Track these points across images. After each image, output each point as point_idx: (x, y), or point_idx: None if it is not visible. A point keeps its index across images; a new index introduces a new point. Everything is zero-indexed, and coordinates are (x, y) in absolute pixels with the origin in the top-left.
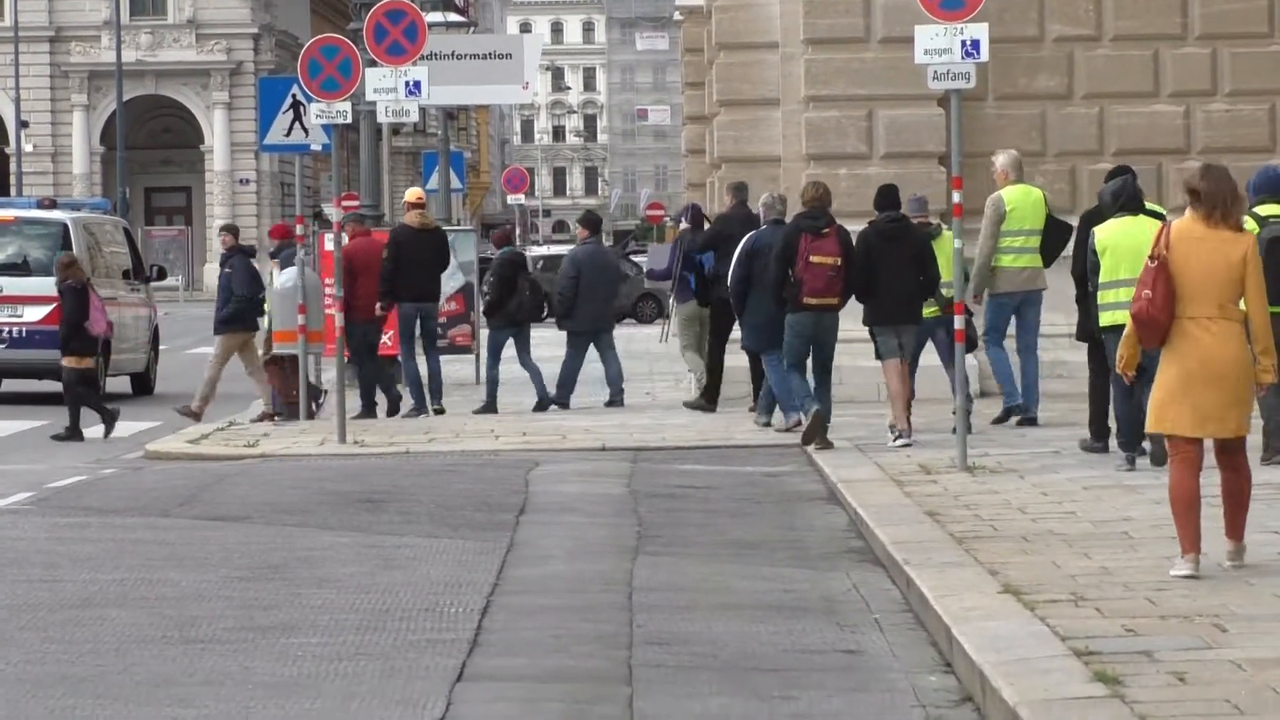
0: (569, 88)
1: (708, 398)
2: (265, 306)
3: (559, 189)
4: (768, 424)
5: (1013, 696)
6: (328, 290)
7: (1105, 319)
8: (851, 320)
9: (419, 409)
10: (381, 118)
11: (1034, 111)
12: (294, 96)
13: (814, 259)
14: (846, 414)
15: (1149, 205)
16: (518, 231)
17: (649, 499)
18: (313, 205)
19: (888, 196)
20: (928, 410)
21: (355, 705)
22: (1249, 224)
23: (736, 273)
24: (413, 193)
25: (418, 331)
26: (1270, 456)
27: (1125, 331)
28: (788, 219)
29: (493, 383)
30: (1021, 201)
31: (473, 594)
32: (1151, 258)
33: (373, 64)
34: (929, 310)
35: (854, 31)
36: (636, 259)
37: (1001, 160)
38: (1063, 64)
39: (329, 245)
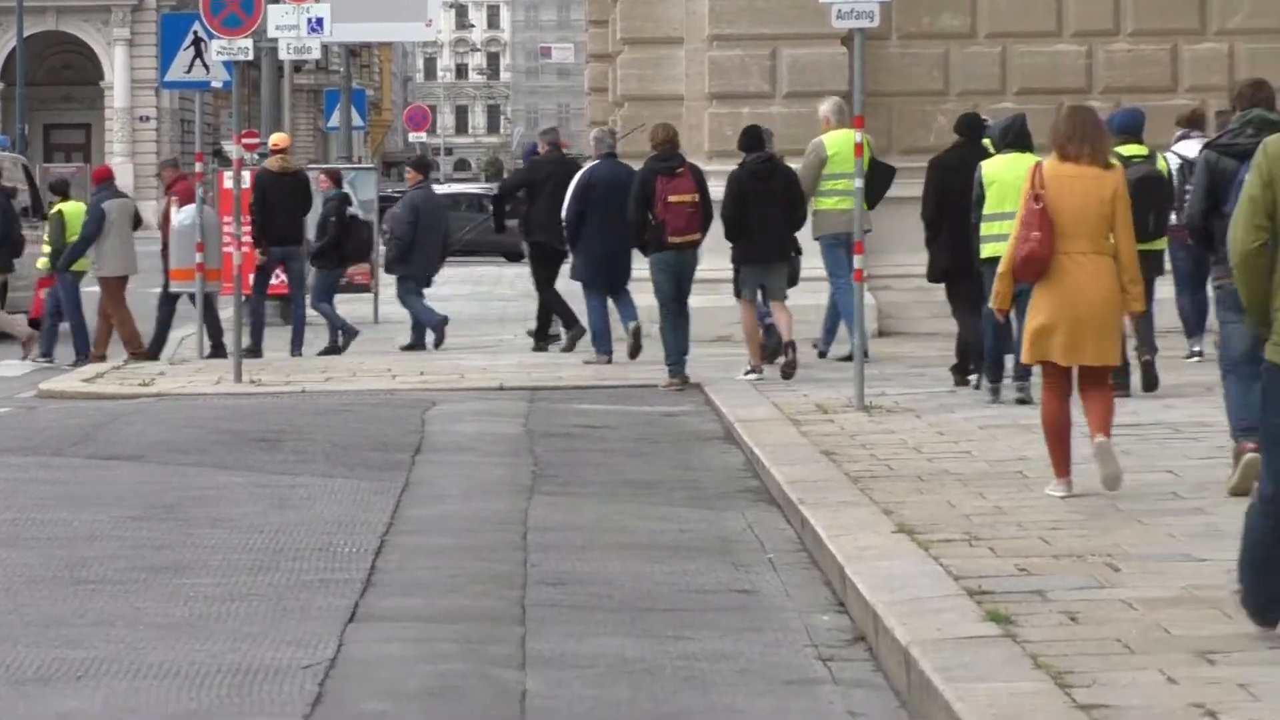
0: (472, 25)
1: (538, 337)
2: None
3: (461, 127)
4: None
5: (905, 636)
6: (226, 229)
7: (987, 250)
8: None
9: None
10: (283, 55)
11: (937, 51)
12: (195, 33)
13: (672, 199)
14: (744, 353)
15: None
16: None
17: (545, 438)
18: (213, 143)
19: (753, 137)
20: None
21: (247, 646)
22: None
23: (571, 207)
24: (276, 137)
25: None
26: (1147, 380)
27: (1001, 268)
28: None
29: (338, 320)
30: (843, 146)
31: (367, 534)
32: (1034, 198)
33: (275, 1)
34: None
35: None
36: None
37: (825, 107)
38: (966, 3)
39: (228, 183)
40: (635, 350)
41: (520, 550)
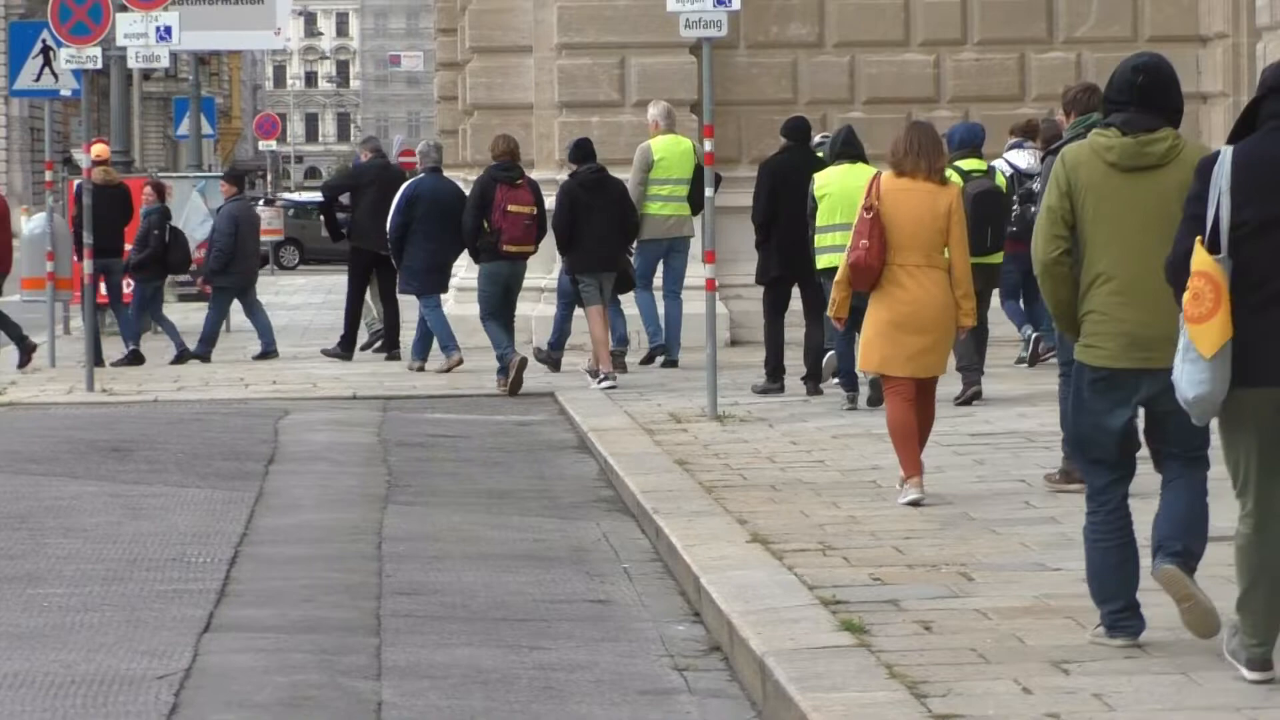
0: (321, 33)
1: (343, 346)
2: None
3: (311, 135)
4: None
5: (760, 646)
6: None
7: (822, 261)
8: None
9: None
10: (132, 63)
11: (786, 60)
12: (44, 41)
13: (512, 208)
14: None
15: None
16: (268, 178)
17: (399, 448)
18: (62, 151)
19: (584, 149)
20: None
21: (101, 656)
22: (952, 176)
23: (395, 219)
24: (97, 149)
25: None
26: (964, 393)
27: (838, 277)
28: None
29: (174, 328)
30: (670, 151)
31: (221, 544)
32: (866, 208)
33: (123, 9)
34: None
35: None
36: None
37: (653, 111)
38: (814, 12)
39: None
40: (517, 386)
41: (375, 560)
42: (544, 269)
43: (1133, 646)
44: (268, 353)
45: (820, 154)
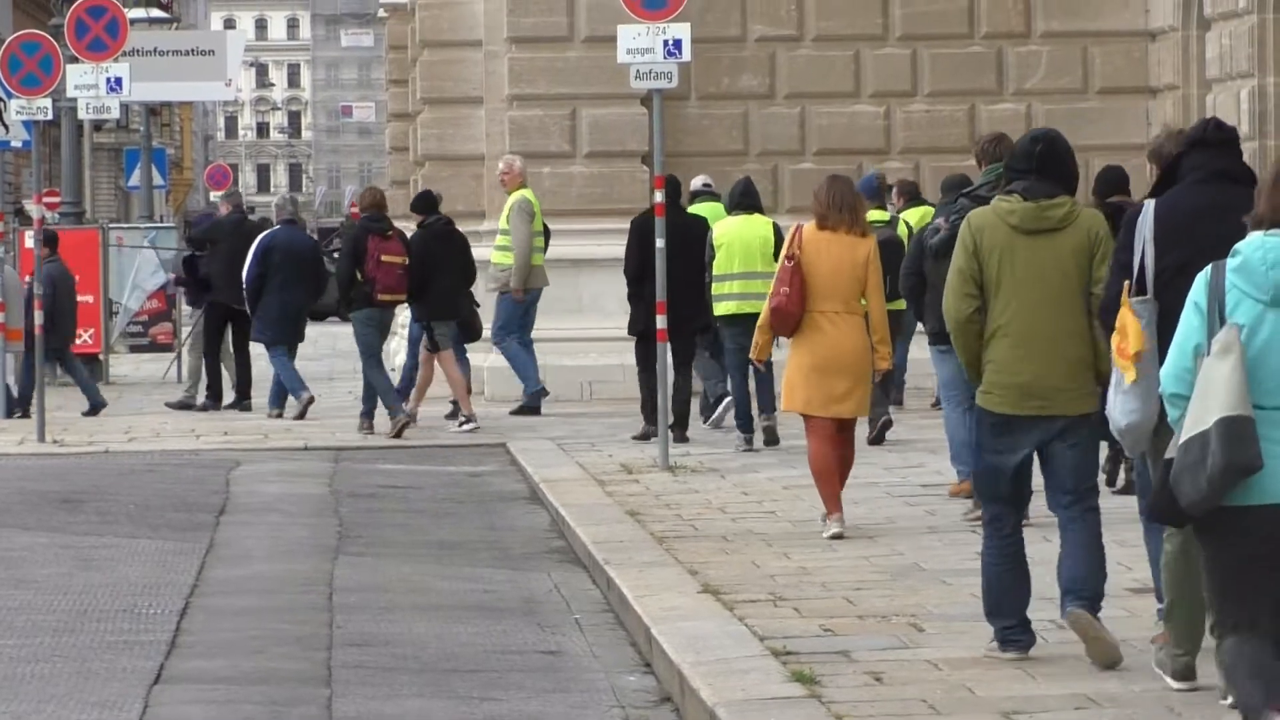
0: (273, 84)
1: (211, 398)
2: None
3: (263, 185)
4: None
5: (711, 697)
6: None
7: (720, 308)
8: (561, 320)
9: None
10: (82, 114)
11: (737, 111)
12: None
13: (385, 258)
14: (550, 412)
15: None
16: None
17: (350, 499)
18: (13, 202)
19: (429, 201)
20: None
21: (51, 708)
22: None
23: (251, 270)
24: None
25: None
26: (875, 431)
27: (760, 321)
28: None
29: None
30: (538, 203)
31: (172, 595)
32: (788, 257)
33: (74, 60)
34: None
35: (557, 30)
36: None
37: (518, 164)
38: (765, 64)
39: (29, 243)
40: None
41: (326, 611)
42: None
43: (1024, 660)
44: (96, 407)
45: (691, 209)
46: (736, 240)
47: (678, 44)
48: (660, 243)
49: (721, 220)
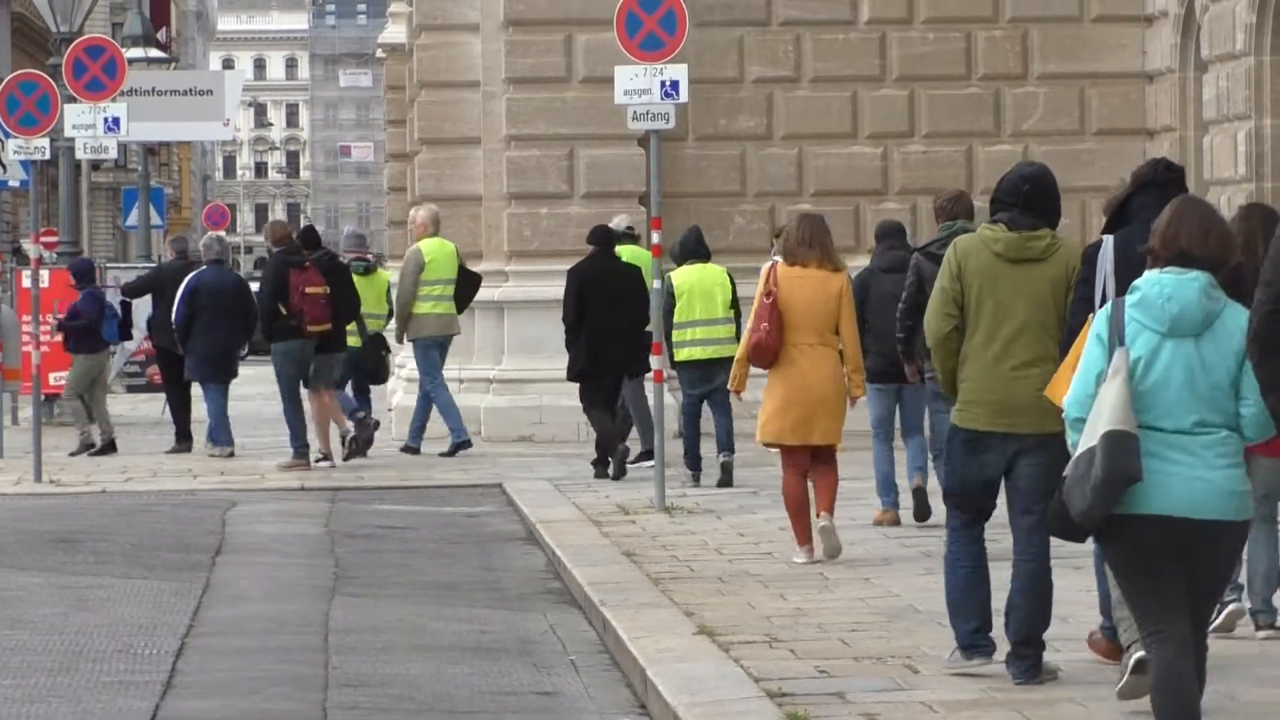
0: (271, 124)
1: (179, 440)
2: None
3: (261, 225)
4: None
5: None
6: (25, 328)
7: (682, 354)
8: (558, 360)
9: None
10: (80, 154)
11: (734, 152)
12: None
13: (308, 290)
14: (547, 453)
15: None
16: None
17: (347, 539)
18: (11, 241)
19: (311, 236)
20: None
21: None
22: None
23: (179, 310)
24: None
25: None
26: None
27: (739, 354)
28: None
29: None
30: (439, 253)
31: (167, 635)
32: (765, 294)
33: (72, 100)
34: None
35: (555, 71)
36: None
37: (421, 215)
38: (762, 105)
39: (26, 283)
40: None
41: (322, 652)
42: (492, 360)
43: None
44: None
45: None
46: (697, 288)
47: (675, 85)
48: (656, 283)
49: (679, 270)
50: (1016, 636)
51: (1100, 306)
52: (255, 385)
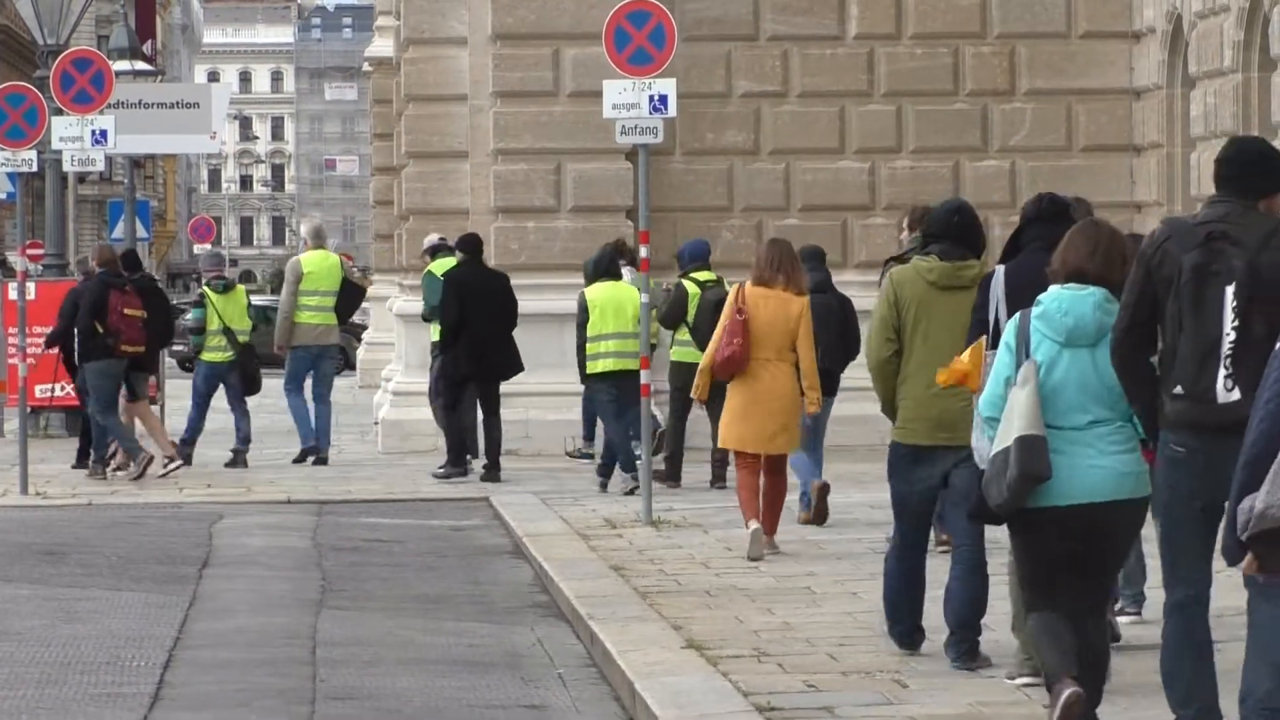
0: (256, 137)
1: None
2: None
3: (246, 238)
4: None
5: None
6: (11, 340)
7: (595, 366)
8: (545, 374)
9: None
10: (67, 166)
11: (721, 167)
12: None
13: (127, 312)
14: (533, 466)
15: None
16: (202, 281)
17: (334, 552)
18: None
19: (133, 259)
20: None
21: None
22: (692, 288)
23: (60, 326)
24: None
25: None
26: (715, 482)
27: (702, 365)
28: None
29: None
30: (319, 266)
31: (155, 648)
32: (737, 311)
33: (59, 112)
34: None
35: (543, 85)
36: None
37: (304, 229)
38: (750, 120)
39: (13, 294)
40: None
41: (309, 665)
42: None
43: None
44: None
45: (430, 266)
46: (610, 303)
47: (663, 99)
48: (644, 298)
49: (592, 286)
50: (955, 622)
51: (992, 330)
52: (256, 397)
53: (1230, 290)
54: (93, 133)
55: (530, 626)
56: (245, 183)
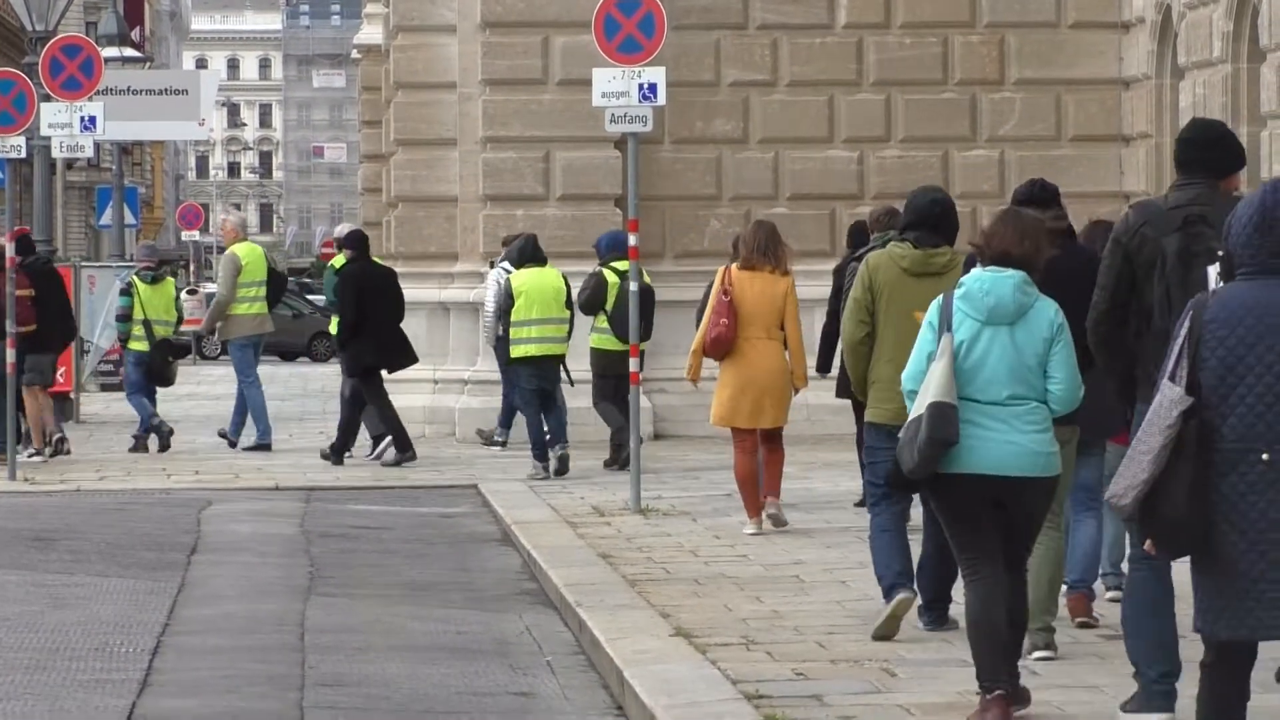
0: (245, 124)
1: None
2: None
3: None
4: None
5: None
6: None
7: (518, 350)
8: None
9: None
10: (56, 153)
11: (710, 155)
12: None
13: (19, 293)
14: (520, 454)
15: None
16: (191, 268)
17: (322, 539)
18: None
19: (26, 242)
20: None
21: None
22: (611, 276)
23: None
24: None
25: None
26: (614, 461)
27: (694, 346)
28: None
29: None
30: (250, 256)
31: (143, 634)
32: (723, 293)
33: (48, 98)
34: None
35: (532, 73)
36: (311, 297)
37: (232, 220)
38: (739, 109)
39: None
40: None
41: (298, 651)
42: (466, 360)
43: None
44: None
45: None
46: (535, 289)
47: (653, 88)
48: (633, 286)
49: (518, 273)
50: (928, 593)
51: None
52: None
53: (1213, 271)
54: (81, 119)
55: (519, 614)
56: (233, 169)
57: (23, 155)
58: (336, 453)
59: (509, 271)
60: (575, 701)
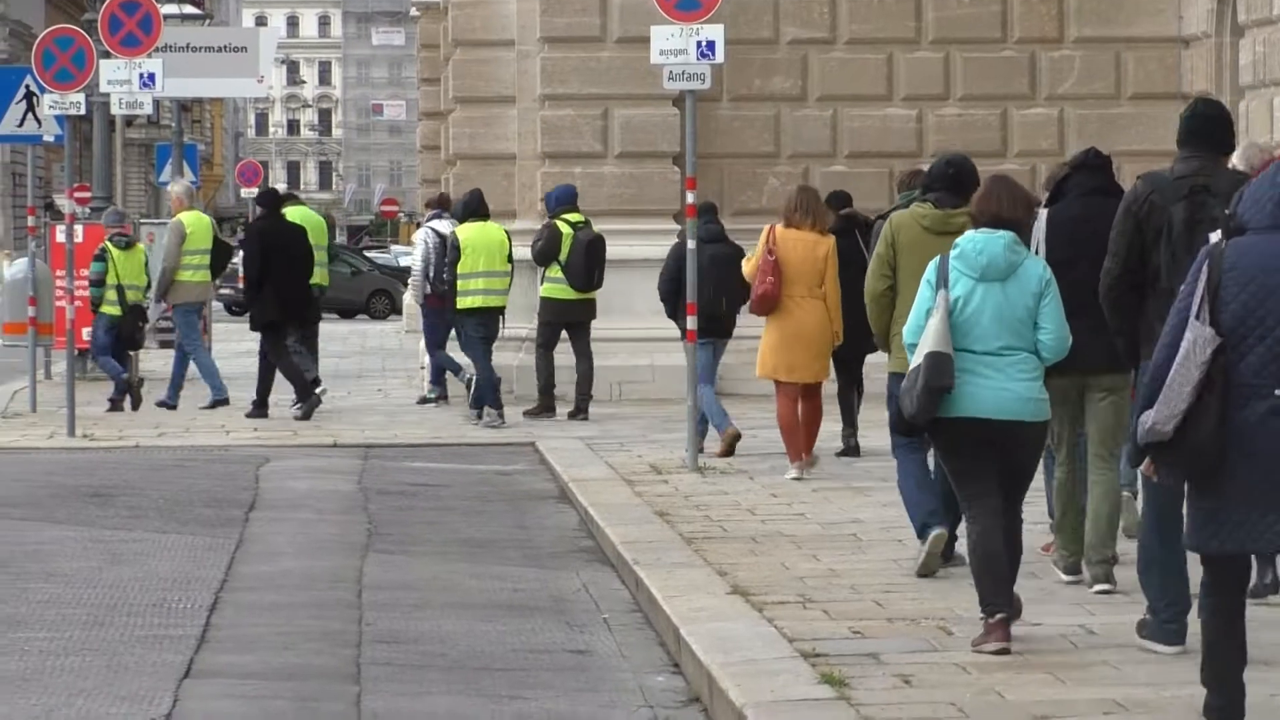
0: (304, 81)
1: None
2: None
3: (293, 183)
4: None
5: (739, 698)
6: (59, 283)
7: (464, 302)
8: (625, 319)
9: None
10: (115, 109)
11: (768, 113)
12: (27, 86)
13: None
14: (628, 410)
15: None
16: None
17: (380, 496)
18: (44, 196)
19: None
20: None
21: (81, 701)
22: (564, 228)
23: None
24: None
25: None
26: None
27: (747, 307)
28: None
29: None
30: (197, 225)
31: (201, 590)
32: (769, 252)
33: (107, 55)
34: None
35: (590, 30)
36: (370, 254)
37: (177, 189)
38: (797, 66)
39: (60, 237)
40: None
41: (355, 608)
42: (525, 318)
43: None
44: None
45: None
46: (480, 243)
47: (711, 45)
48: (691, 244)
49: (463, 226)
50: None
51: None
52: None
53: (1214, 238)
54: (140, 76)
55: (575, 571)
56: (292, 127)
57: (82, 112)
58: (257, 407)
59: (437, 232)
60: (631, 659)
